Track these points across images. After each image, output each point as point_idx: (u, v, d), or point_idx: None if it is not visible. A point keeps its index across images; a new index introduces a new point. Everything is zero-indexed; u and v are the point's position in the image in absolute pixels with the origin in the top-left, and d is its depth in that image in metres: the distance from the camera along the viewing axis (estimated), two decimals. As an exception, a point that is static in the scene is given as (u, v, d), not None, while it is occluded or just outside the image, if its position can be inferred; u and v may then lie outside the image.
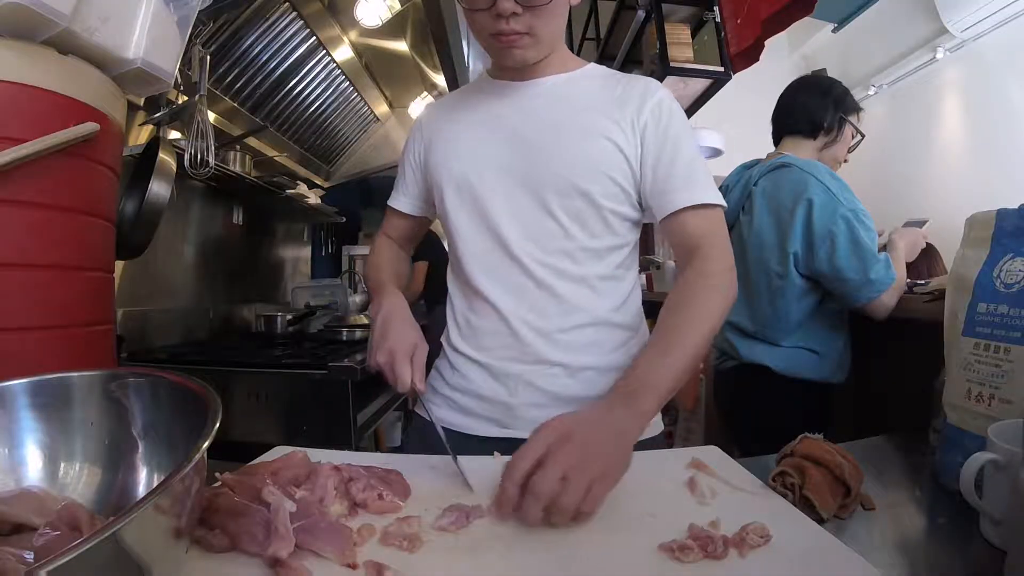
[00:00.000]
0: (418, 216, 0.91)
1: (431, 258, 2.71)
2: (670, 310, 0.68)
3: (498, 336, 0.77)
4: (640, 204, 0.78)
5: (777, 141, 1.41)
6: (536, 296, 0.75)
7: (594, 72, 0.82)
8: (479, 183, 0.76)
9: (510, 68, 0.77)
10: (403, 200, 0.90)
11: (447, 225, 0.81)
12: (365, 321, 2.28)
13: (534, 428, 0.52)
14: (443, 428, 0.68)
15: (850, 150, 1.38)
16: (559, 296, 0.75)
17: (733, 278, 0.72)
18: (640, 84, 0.78)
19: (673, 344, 0.64)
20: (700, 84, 2.08)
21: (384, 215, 0.94)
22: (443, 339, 0.86)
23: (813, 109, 1.32)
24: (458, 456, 0.62)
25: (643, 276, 3.09)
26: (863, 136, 1.37)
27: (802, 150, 1.32)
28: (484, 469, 0.59)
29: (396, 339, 0.71)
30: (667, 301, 0.69)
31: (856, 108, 1.36)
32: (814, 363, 1.23)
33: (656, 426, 0.80)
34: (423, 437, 0.78)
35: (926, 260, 1.40)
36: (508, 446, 0.72)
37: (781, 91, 1.42)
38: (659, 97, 0.76)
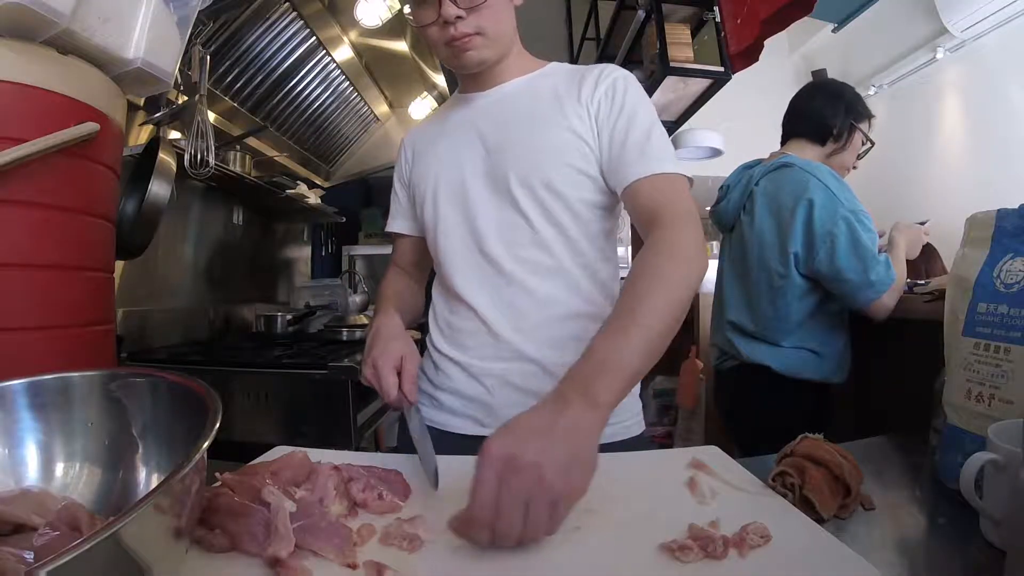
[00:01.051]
0: (419, 236, 0.90)
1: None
2: (629, 284, 0.62)
3: (476, 335, 0.78)
4: (609, 187, 0.77)
5: (784, 142, 1.41)
6: (510, 293, 0.76)
7: (556, 70, 0.84)
8: (453, 188, 0.79)
9: (476, 77, 0.81)
10: (400, 222, 0.92)
11: (429, 234, 0.84)
12: (365, 321, 2.28)
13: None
14: (427, 428, 0.67)
15: (859, 157, 1.38)
16: (532, 291, 0.76)
17: (698, 247, 0.66)
18: (595, 70, 0.79)
19: (632, 322, 0.56)
20: (700, 84, 2.08)
21: (384, 216, 0.95)
22: (427, 340, 0.88)
23: (824, 115, 1.32)
24: (439, 456, 0.61)
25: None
26: (873, 144, 1.37)
27: (807, 153, 1.32)
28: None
29: (380, 351, 0.72)
30: (628, 276, 0.64)
31: (868, 115, 1.35)
32: (814, 363, 1.23)
33: (636, 426, 0.80)
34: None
35: (925, 260, 1.40)
36: None
37: (781, 91, 1.42)
38: (612, 77, 0.77)
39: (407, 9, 0.76)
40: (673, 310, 0.59)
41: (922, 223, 1.38)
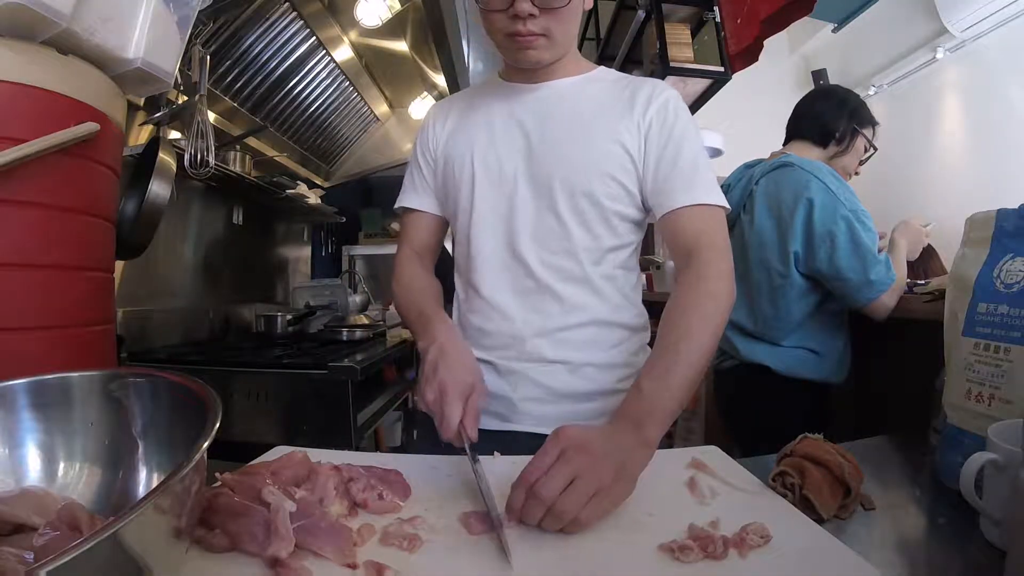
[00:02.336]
0: (437, 215, 0.87)
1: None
2: (669, 323, 0.66)
3: (501, 337, 0.78)
4: (644, 204, 0.78)
5: (786, 143, 1.41)
6: (538, 298, 0.76)
7: (604, 75, 0.83)
8: (494, 180, 0.78)
9: (524, 69, 0.78)
10: (418, 198, 0.86)
11: (461, 222, 0.81)
12: (365, 321, 2.29)
13: (533, 421, 0.52)
14: (474, 452, 0.62)
15: (861, 163, 1.38)
16: (560, 297, 0.76)
17: (731, 281, 0.70)
18: (648, 86, 0.78)
19: (675, 362, 0.62)
20: (700, 84, 2.08)
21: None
22: None
23: (827, 118, 1.32)
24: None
25: (643, 276, 3.09)
26: (876, 149, 1.37)
27: (808, 155, 1.32)
28: (485, 467, 0.59)
29: (449, 376, 0.64)
30: (666, 311, 0.67)
31: (871, 122, 1.35)
32: (814, 363, 1.23)
33: None
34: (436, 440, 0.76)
35: (922, 260, 1.40)
36: (509, 439, 0.74)
37: (781, 91, 1.43)
38: (665, 97, 0.77)
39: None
40: (709, 345, 0.64)
41: (925, 225, 1.38)
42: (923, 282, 1.24)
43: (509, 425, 0.77)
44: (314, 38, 2.08)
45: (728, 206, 0.74)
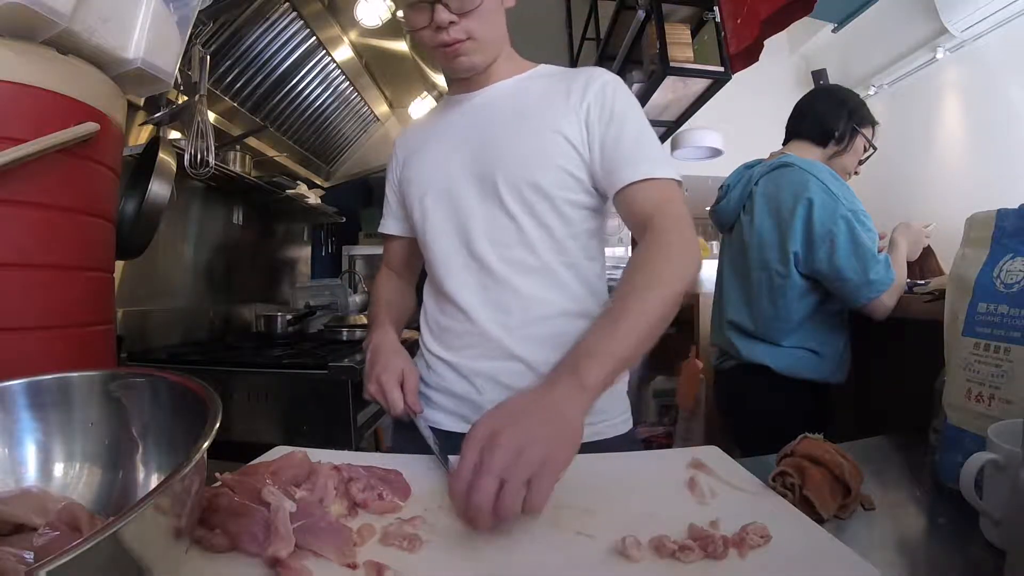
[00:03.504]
0: (410, 237, 0.91)
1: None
2: (622, 281, 0.65)
3: (465, 336, 0.79)
4: (597, 190, 0.79)
5: (786, 143, 1.41)
6: (498, 292, 0.77)
7: (543, 71, 0.85)
8: (442, 190, 0.80)
9: (464, 78, 0.82)
10: (392, 223, 0.93)
11: (419, 236, 0.85)
12: (365, 321, 2.28)
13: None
14: (433, 433, 0.69)
15: (861, 162, 1.38)
16: (518, 290, 0.77)
17: (691, 246, 0.68)
18: (584, 74, 0.80)
19: (623, 312, 0.60)
20: (700, 84, 2.08)
21: (382, 216, 0.95)
22: (419, 340, 0.89)
23: (827, 117, 1.33)
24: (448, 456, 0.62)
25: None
26: (875, 149, 1.37)
27: (808, 155, 1.32)
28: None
29: (383, 367, 0.76)
30: (621, 278, 0.67)
31: (871, 121, 1.36)
32: (814, 363, 1.23)
33: (623, 424, 0.82)
34: (413, 440, 0.78)
35: (919, 260, 1.40)
36: None
37: (781, 91, 1.43)
38: (602, 82, 0.78)
39: (400, 13, 0.77)
40: (664, 304, 0.61)
41: (926, 226, 1.38)
42: (923, 282, 1.24)
43: None
44: (314, 38, 2.08)
45: (677, 176, 0.73)
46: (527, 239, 0.76)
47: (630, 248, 5.07)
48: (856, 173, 1.39)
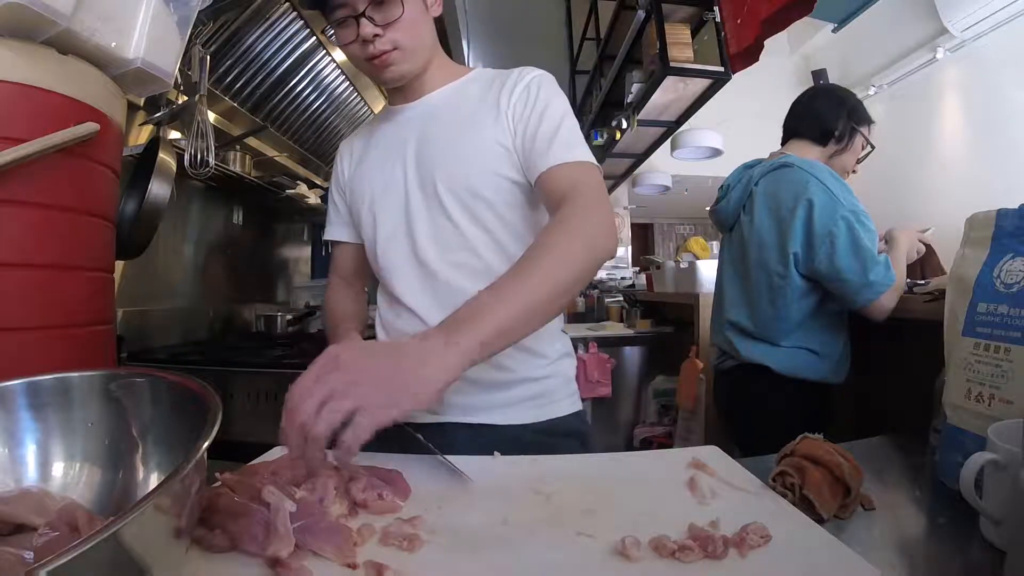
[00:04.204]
0: (357, 243, 0.92)
1: None
2: (523, 257, 0.63)
3: None
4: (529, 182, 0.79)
5: (784, 143, 1.41)
6: (445, 294, 0.79)
7: (478, 76, 0.86)
8: (390, 201, 0.82)
9: (402, 90, 0.84)
10: (339, 230, 0.94)
11: (369, 246, 0.87)
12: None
13: (460, 411, 0.56)
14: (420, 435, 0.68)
15: (859, 161, 1.39)
16: (465, 292, 0.76)
17: (599, 226, 0.67)
18: (513, 75, 0.81)
19: (511, 283, 0.59)
20: (700, 84, 2.08)
21: None
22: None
23: (826, 116, 1.33)
24: (448, 456, 0.62)
25: (643, 276, 3.09)
26: (873, 148, 1.37)
27: (808, 154, 1.32)
28: (486, 468, 0.59)
29: None
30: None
31: (868, 120, 1.36)
32: (814, 363, 1.23)
33: (571, 404, 0.84)
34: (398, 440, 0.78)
35: (922, 259, 1.40)
36: (439, 430, 0.76)
37: (781, 91, 1.43)
38: (527, 80, 0.80)
39: (329, 31, 0.77)
40: (557, 279, 0.60)
41: (924, 231, 1.38)
42: (923, 282, 1.24)
43: (437, 417, 0.79)
44: (314, 38, 2.08)
45: (593, 160, 0.75)
46: (469, 243, 0.79)
47: (630, 248, 5.08)
48: (854, 172, 1.39)
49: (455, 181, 0.77)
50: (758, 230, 1.29)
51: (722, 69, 1.93)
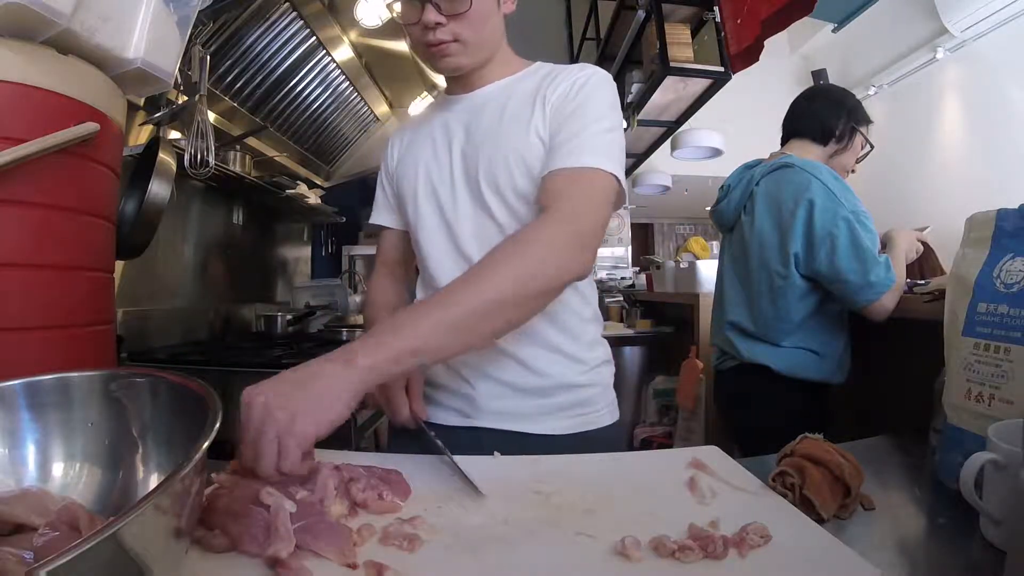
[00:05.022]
0: (403, 230, 0.91)
1: None
2: (466, 271, 0.63)
3: None
4: None
5: (784, 143, 1.41)
6: None
7: (536, 71, 0.82)
8: (433, 190, 0.81)
9: (460, 80, 0.82)
10: (385, 215, 0.92)
11: (412, 234, 0.85)
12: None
13: (494, 417, 0.56)
14: (432, 431, 0.68)
15: (858, 160, 1.39)
16: None
17: (570, 244, 0.64)
18: (566, 71, 0.78)
19: (442, 299, 0.59)
20: (700, 84, 2.08)
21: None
22: None
23: (826, 116, 1.33)
24: (455, 456, 0.62)
25: (643, 276, 3.10)
26: (872, 147, 1.38)
27: (809, 154, 1.32)
28: (486, 468, 0.59)
29: None
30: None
31: (867, 120, 1.37)
32: (814, 363, 1.23)
33: (607, 416, 0.82)
34: (413, 438, 0.78)
35: (921, 259, 1.40)
36: (471, 434, 0.76)
37: (781, 91, 1.43)
38: (576, 76, 0.76)
39: (397, 7, 0.75)
40: (495, 298, 0.59)
41: (922, 229, 1.38)
42: (923, 282, 1.24)
43: (470, 421, 0.78)
44: (314, 38, 2.08)
45: (613, 171, 0.70)
46: None
47: (630, 248, 5.07)
48: (853, 171, 1.40)
49: (497, 178, 0.76)
50: (759, 230, 1.29)
51: (722, 69, 1.93)
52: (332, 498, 0.52)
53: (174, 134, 1.75)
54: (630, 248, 5.05)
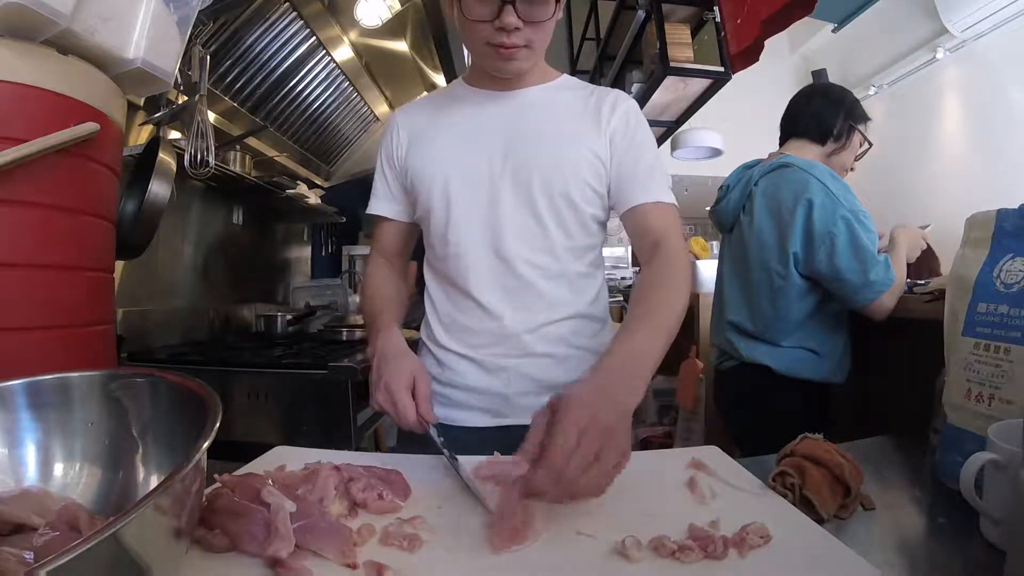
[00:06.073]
0: (404, 221, 0.90)
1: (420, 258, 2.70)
2: (643, 296, 0.70)
3: (487, 334, 0.81)
4: (611, 206, 0.83)
5: (782, 143, 1.41)
6: (524, 295, 0.79)
7: (569, 83, 0.87)
8: (473, 183, 0.80)
9: (493, 76, 0.81)
10: (387, 205, 0.90)
11: (430, 225, 0.84)
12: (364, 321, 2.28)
13: (528, 414, 0.53)
14: (441, 437, 0.67)
15: (857, 158, 1.39)
16: (542, 293, 0.80)
17: (689, 274, 0.76)
18: (612, 96, 0.84)
19: (652, 325, 0.65)
20: (700, 84, 2.08)
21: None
22: (424, 336, 0.88)
23: (824, 115, 1.33)
24: (457, 457, 0.62)
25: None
26: (871, 145, 1.37)
27: (807, 153, 1.32)
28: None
29: (391, 373, 0.71)
30: (638, 289, 0.73)
31: (865, 118, 1.36)
32: (814, 363, 1.23)
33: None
34: (420, 441, 0.78)
35: (921, 259, 1.40)
36: (504, 434, 0.76)
37: (781, 91, 1.42)
38: (626, 107, 0.83)
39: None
40: (678, 320, 0.68)
41: (923, 227, 1.38)
42: (923, 282, 1.24)
43: (503, 420, 0.79)
44: (314, 38, 2.08)
45: (677, 205, 0.80)
46: (553, 245, 0.80)
47: (630, 248, 5.08)
48: (852, 169, 1.39)
49: (552, 183, 0.78)
50: (758, 230, 1.29)
51: (722, 69, 1.93)
52: (332, 498, 0.52)
53: (174, 134, 1.75)
54: (630, 248, 5.05)
